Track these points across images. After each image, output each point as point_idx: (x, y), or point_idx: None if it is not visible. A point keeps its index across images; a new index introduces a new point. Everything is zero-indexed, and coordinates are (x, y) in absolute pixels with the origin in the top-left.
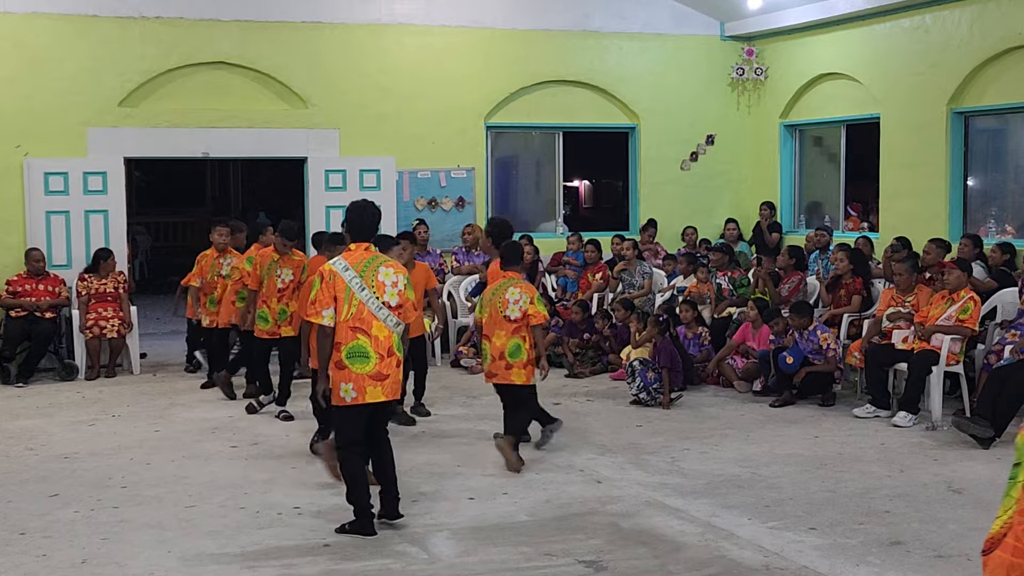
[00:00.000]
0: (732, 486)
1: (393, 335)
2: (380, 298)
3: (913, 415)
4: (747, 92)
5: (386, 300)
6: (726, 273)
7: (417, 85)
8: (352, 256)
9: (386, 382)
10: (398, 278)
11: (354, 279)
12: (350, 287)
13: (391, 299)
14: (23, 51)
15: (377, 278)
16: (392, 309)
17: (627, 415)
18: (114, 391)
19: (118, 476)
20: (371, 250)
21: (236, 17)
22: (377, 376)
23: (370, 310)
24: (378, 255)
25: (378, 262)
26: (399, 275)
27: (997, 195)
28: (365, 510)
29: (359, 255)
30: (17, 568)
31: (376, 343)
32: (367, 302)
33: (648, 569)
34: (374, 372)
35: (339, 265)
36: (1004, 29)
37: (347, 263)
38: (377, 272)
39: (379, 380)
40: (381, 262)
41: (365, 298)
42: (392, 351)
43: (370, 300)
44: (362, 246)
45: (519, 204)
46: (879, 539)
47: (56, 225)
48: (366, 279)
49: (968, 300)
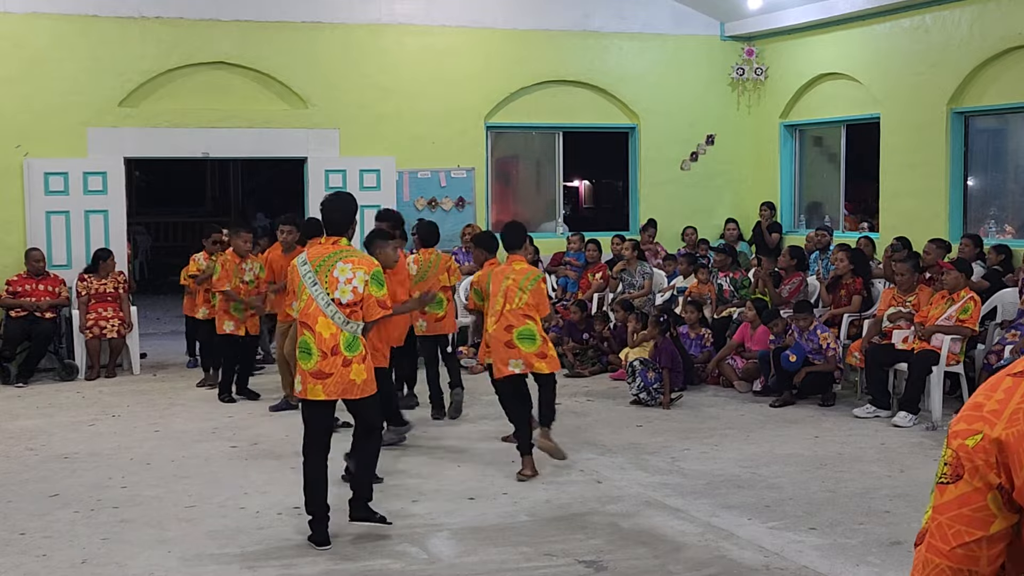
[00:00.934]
0: (732, 486)
1: (342, 333)
2: (330, 294)
3: (913, 415)
4: (747, 92)
5: (336, 297)
6: (727, 274)
7: (417, 85)
8: (315, 250)
9: (328, 381)
10: (355, 275)
11: (308, 273)
12: (303, 281)
13: (343, 296)
14: (23, 51)
15: (332, 274)
16: (342, 307)
17: (627, 415)
18: (114, 391)
19: (118, 476)
20: (339, 244)
21: (236, 17)
22: (317, 374)
23: (317, 306)
24: (343, 250)
25: (338, 257)
26: (358, 271)
27: (997, 195)
28: (317, 517)
29: (323, 249)
30: (17, 568)
31: (320, 340)
32: (316, 297)
33: (648, 569)
34: (315, 369)
35: (299, 259)
36: (1004, 29)
37: (306, 257)
38: (333, 267)
39: (319, 378)
40: (341, 257)
41: (315, 293)
42: (337, 350)
43: (319, 296)
44: (330, 240)
45: (519, 204)
46: (879, 539)
47: (56, 225)
48: (320, 274)
49: (968, 300)
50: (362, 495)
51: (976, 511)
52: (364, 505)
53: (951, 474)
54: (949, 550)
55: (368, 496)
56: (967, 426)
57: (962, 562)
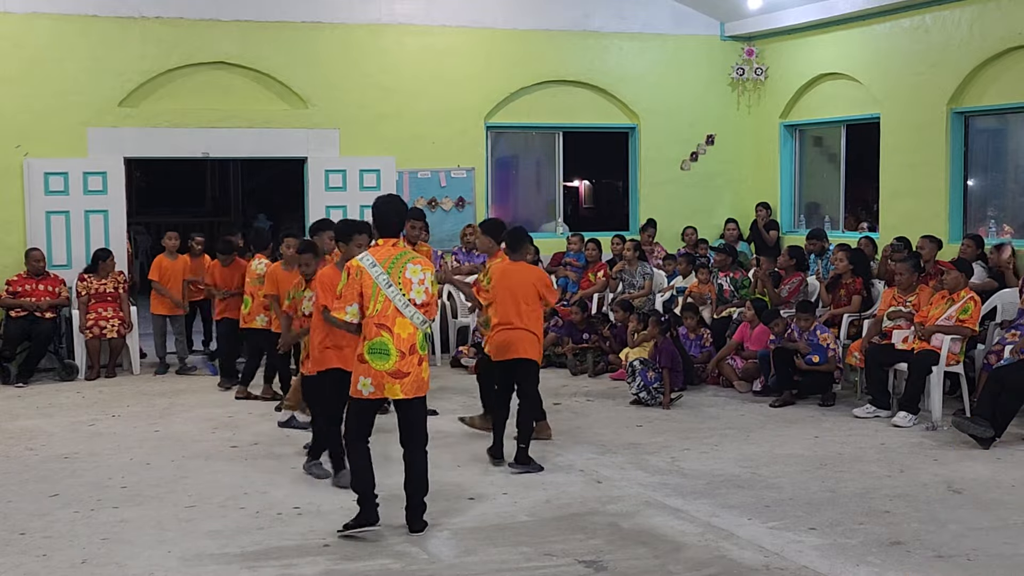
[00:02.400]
0: (732, 486)
1: (417, 333)
2: (407, 295)
3: (913, 415)
4: (747, 92)
5: (412, 297)
6: (727, 274)
7: (417, 85)
8: (379, 252)
9: (406, 380)
10: (425, 275)
11: (381, 275)
12: (377, 283)
13: (418, 296)
14: (23, 51)
15: (404, 275)
16: (419, 307)
17: (627, 415)
18: (114, 391)
19: (118, 476)
20: (399, 246)
21: (236, 17)
22: (396, 373)
23: (396, 307)
24: (407, 251)
25: (406, 258)
26: (426, 272)
27: (997, 195)
28: (367, 496)
29: (386, 251)
30: (17, 568)
31: (398, 340)
32: (394, 299)
33: (648, 569)
34: (394, 369)
35: (366, 261)
36: (1004, 29)
37: (374, 259)
38: (405, 268)
39: (398, 377)
40: (409, 259)
41: (391, 295)
42: (414, 349)
43: (396, 297)
44: (389, 242)
45: (519, 204)
46: (879, 539)
47: (56, 225)
48: (393, 275)
49: (968, 300)
50: (421, 506)
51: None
52: (422, 515)
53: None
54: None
55: (425, 507)
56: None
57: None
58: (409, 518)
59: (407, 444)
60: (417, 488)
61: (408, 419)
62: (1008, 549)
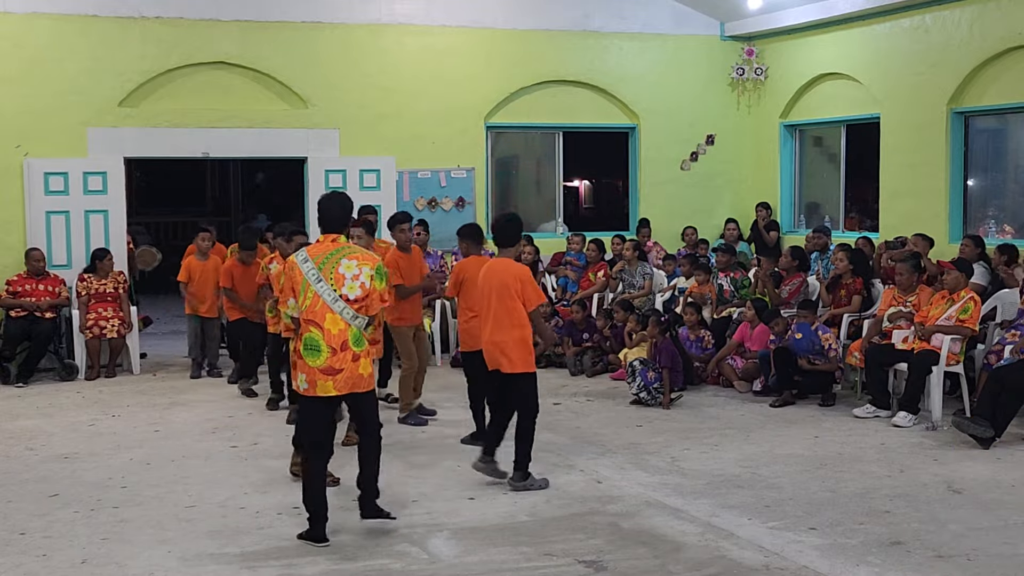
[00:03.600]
0: (732, 486)
1: (350, 329)
2: (337, 291)
3: (913, 415)
4: (747, 92)
5: (344, 293)
6: (728, 274)
7: (417, 85)
8: (316, 248)
9: (339, 376)
10: (361, 270)
11: (311, 271)
12: (307, 279)
13: (350, 292)
14: (23, 51)
15: (337, 270)
16: (350, 302)
17: (627, 415)
18: (114, 391)
19: (118, 476)
20: (338, 241)
21: (236, 17)
22: (328, 370)
23: (324, 302)
24: (345, 247)
25: (341, 254)
26: (363, 267)
27: (997, 195)
28: (316, 516)
29: (324, 247)
30: (17, 568)
31: (328, 336)
32: (322, 294)
33: (648, 569)
34: (325, 366)
35: (299, 257)
36: (1004, 29)
37: (307, 255)
38: (338, 264)
39: (330, 374)
40: (345, 254)
41: (320, 290)
42: (347, 345)
43: (325, 292)
44: (330, 237)
45: (519, 204)
46: (879, 539)
47: (56, 225)
48: (324, 271)
49: (968, 300)
50: (372, 493)
51: None
52: (373, 503)
53: None
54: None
55: (377, 493)
56: None
57: None
58: (361, 505)
59: (360, 434)
60: (367, 476)
61: (354, 412)
62: (1008, 549)
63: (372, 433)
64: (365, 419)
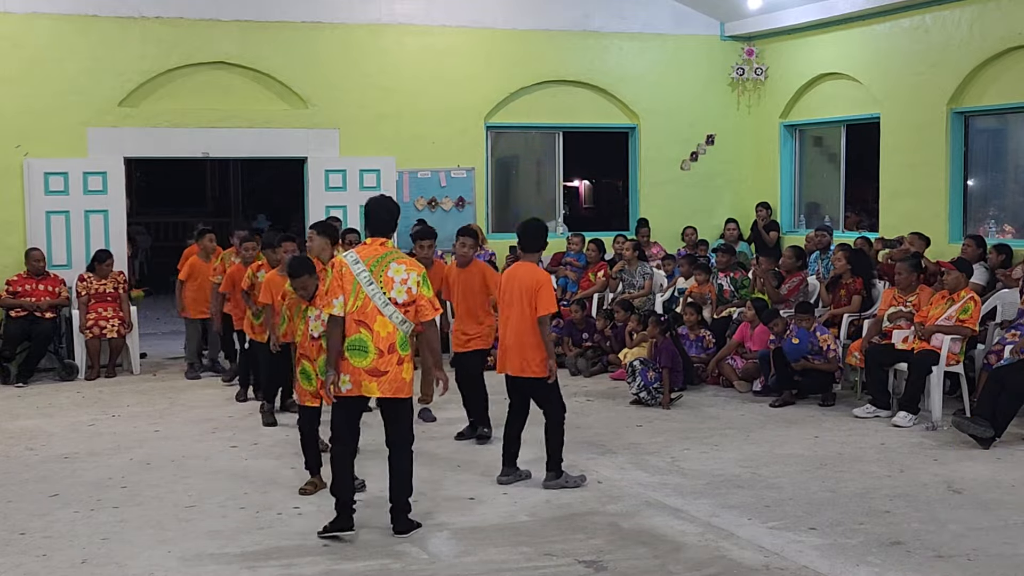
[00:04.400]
0: (732, 486)
1: (397, 332)
2: (387, 294)
3: (913, 415)
4: (747, 92)
5: (392, 296)
6: (728, 274)
7: (417, 85)
8: (365, 250)
9: (383, 378)
10: (409, 275)
11: (363, 272)
12: (358, 280)
13: (398, 296)
14: (23, 51)
15: (386, 274)
16: (399, 306)
17: (627, 415)
18: (114, 391)
19: (118, 476)
20: (386, 245)
21: (236, 17)
22: (373, 371)
23: (375, 305)
24: (393, 251)
25: (391, 258)
26: (411, 272)
27: (997, 195)
28: (344, 504)
29: (373, 249)
30: (17, 568)
31: (377, 338)
32: (373, 296)
33: (648, 569)
34: (371, 367)
35: (350, 258)
36: (1004, 29)
37: (358, 256)
38: (387, 268)
39: (375, 375)
40: (394, 258)
41: (372, 292)
42: (393, 348)
43: (376, 295)
44: (378, 240)
45: (519, 204)
46: (879, 539)
47: (56, 225)
48: (375, 274)
49: (968, 300)
50: (404, 507)
51: None
52: (405, 517)
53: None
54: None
55: (408, 508)
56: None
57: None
58: (393, 519)
59: (390, 445)
60: (400, 490)
61: (390, 419)
62: (1008, 549)
63: (405, 444)
64: (399, 428)
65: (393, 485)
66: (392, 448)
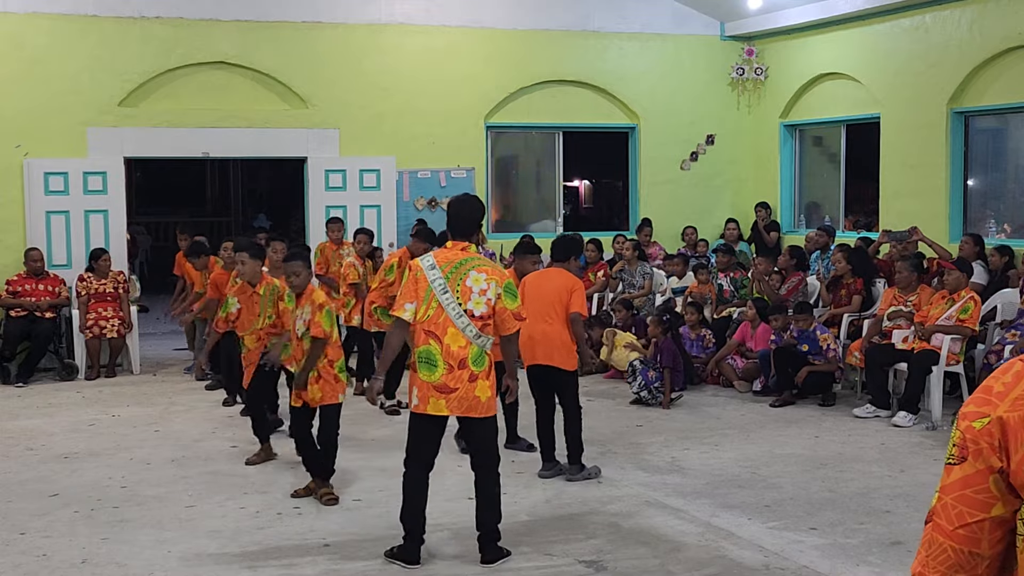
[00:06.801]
0: (732, 486)
1: (471, 347)
2: (463, 304)
3: (913, 415)
4: (747, 92)
5: (469, 308)
6: (728, 274)
7: (417, 85)
8: (444, 255)
9: (452, 396)
10: (489, 285)
11: (437, 279)
12: (432, 287)
13: (475, 308)
14: (23, 51)
15: (464, 282)
16: (475, 319)
17: (627, 415)
18: (114, 391)
19: (118, 476)
20: (468, 250)
21: (236, 17)
22: (442, 388)
23: (448, 315)
24: (474, 257)
25: (470, 265)
26: (491, 282)
27: (997, 195)
28: (412, 534)
29: (452, 254)
30: (17, 568)
31: (447, 352)
32: (446, 307)
33: (648, 569)
34: (439, 383)
35: (426, 263)
36: (1004, 29)
37: (435, 261)
38: (466, 276)
39: (444, 392)
40: (474, 265)
41: (445, 302)
42: (465, 364)
43: (450, 305)
44: (459, 244)
45: (519, 204)
46: (879, 539)
47: (56, 225)
48: (451, 282)
49: (968, 300)
50: (493, 535)
51: (978, 493)
52: (495, 546)
53: (957, 455)
54: (952, 530)
55: (498, 535)
56: (976, 408)
57: (964, 543)
58: (481, 547)
59: (474, 467)
60: (489, 516)
61: (469, 440)
62: None
63: (490, 465)
64: (480, 448)
65: (481, 511)
66: (476, 471)
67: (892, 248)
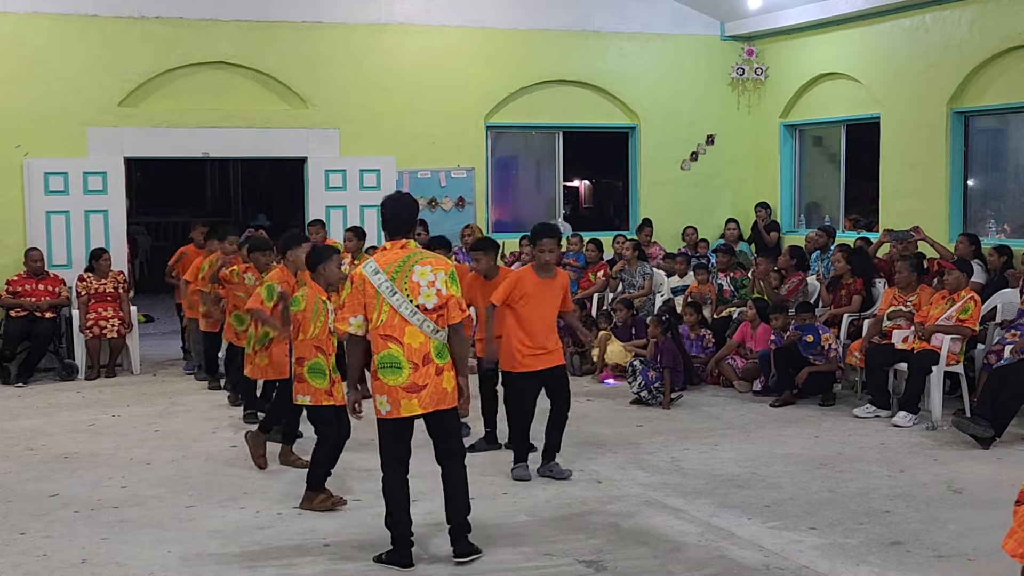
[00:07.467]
0: (732, 486)
1: (431, 341)
2: (414, 301)
3: (913, 415)
4: (747, 92)
5: (421, 303)
6: (728, 274)
7: (417, 85)
8: (384, 256)
9: (423, 393)
10: (436, 276)
11: (384, 283)
12: (380, 292)
13: (427, 300)
14: (23, 51)
15: (411, 279)
16: (428, 312)
17: (627, 415)
18: (114, 391)
19: (118, 476)
20: (408, 247)
21: (236, 17)
22: (411, 388)
23: (402, 316)
24: (416, 252)
25: (414, 260)
26: (438, 272)
27: (997, 195)
28: (402, 539)
29: (392, 254)
30: (17, 568)
31: (409, 351)
32: (399, 307)
33: (648, 569)
34: (407, 383)
35: (369, 268)
36: (1004, 29)
37: (377, 265)
38: (411, 272)
39: (413, 391)
40: (417, 260)
41: (396, 303)
42: (429, 358)
43: (402, 305)
44: (399, 243)
45: (519, 204)
46: (879, 539)
47: (56, 225)
48: (398, 282)
49: (968, 300)
50: (464, 528)
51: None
52: (466, 540)
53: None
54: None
55: (469, 528)
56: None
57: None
58: (453, 541)
59: (441, 461)
60: (459, 509)
61: (437, 433)
62: None
63: (457, 456)
64: (448, 439)
65: (450, 504)
66: (444, 464)
67: (892, 248)
